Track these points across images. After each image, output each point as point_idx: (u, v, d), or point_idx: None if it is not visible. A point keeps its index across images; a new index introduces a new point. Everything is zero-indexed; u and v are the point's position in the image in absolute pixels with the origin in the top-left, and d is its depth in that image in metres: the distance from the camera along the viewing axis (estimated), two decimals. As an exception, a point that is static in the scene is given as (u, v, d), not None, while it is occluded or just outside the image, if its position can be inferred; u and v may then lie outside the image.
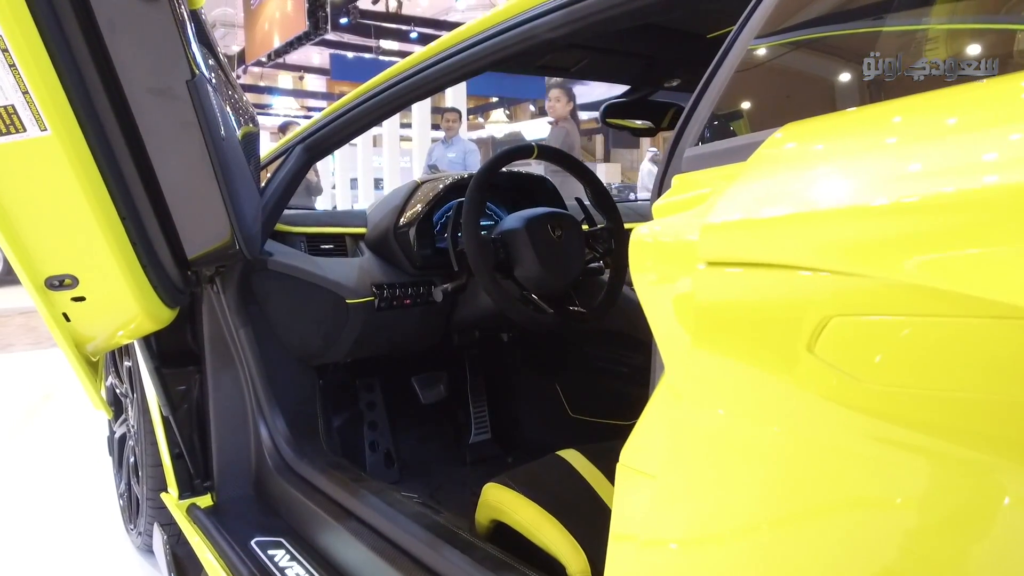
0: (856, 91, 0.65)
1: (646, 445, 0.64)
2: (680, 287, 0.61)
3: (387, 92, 1.43)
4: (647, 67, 1.68)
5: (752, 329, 0.55)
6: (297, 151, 1.67)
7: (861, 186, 0.50)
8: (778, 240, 0.52)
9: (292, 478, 1.64)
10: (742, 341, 0.55)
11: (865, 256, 0.47)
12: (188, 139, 1.23)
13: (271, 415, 1.72)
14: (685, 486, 0.60)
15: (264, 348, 1.72)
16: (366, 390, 2.22)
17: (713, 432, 0.58)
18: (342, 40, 14.33)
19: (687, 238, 0.59)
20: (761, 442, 0.55)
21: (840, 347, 0.47)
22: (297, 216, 1.90)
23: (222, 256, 1.42)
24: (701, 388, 0.59)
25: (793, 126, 0.59)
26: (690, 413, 0.60)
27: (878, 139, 0.52)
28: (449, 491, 2.11)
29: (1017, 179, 0.41)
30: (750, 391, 0.55)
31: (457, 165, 6.46)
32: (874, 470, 0.47)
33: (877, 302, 0.46)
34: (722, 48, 0.75)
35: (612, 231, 1.76)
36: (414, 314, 1.85)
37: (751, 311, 0.55)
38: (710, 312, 0.58)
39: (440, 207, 1.88)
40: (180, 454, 1.77)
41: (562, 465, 1.42)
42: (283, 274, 1.70)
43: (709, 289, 0.58)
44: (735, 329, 0.56)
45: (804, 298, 0.50)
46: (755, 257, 0.53)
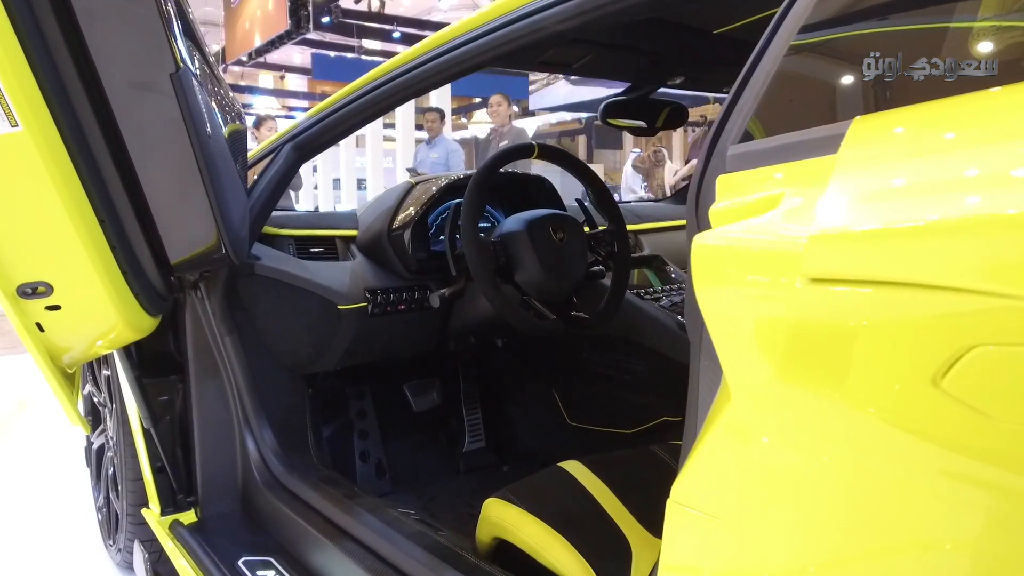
0: (924, 82, 0.58)
1: (706, 484, 0.58)
2: (767, 307, 0.53)
3: (384, 87, 1.36)
4: (651, 64, 1.63)
5: (862, 360, 0.47)
6: (286, 150, 1.59)
7: (1011, 189, 0.43)
8: (912, 254, 0.44)
9: (281, 493, 1.57)
10: (847, 373, 0.48)
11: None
12: (172, 136, 1.16)
13: (258, 427, 1.65)
14: (765, 534, 0.53)
15: (251, 356, 1.65)
16: (356, 398, 2.15)
17: (799, 476, 0.51)
18: (324, 39, 14.20)
19: (776, 248, 0.52)
20: (857, 488, 0.48)
21: (977, 381, 0.40)
22: (285, 218, 1.82)
23: (208, 261, 1.35)
24: (786, 425, 0.52)
25: (869, 119, 0.52)
26: (769, 453, 0.53)
27: (997, 133, 0.45)
28: (443, 502, 2.04)
29: None
30: (850, 429, 0.48)
31: (440, 166, 6.37)
32: (1004, 524, 0.41)
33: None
34: (764, 37, 0.68)
35: (615, 233, 1.70)
36: (409, 320, 1.78)
37: (864, 338, 0.47)
38: (808, 338, 0.50)
39: (435, 208, 1.81)
40: (162, 468, 1.69)
41: (565, 478, 1.36)
42: (271, 279, 1.63)
43: (810, 311, 0.50)
44: (839, 359, 0.48)
45: (939, 324, 0.43)
46: (878, 274, 0.45)
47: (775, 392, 0.52)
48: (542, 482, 1.36)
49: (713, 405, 0.60)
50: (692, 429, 0.66)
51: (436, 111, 6.83)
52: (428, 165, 6.50)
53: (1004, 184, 0.43)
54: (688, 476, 0.60)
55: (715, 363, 0.60)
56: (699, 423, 0.64)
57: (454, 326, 1.84)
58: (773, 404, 0.53)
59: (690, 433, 0.66)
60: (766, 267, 0.53)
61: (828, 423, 0.49)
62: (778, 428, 0.53)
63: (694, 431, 0.65)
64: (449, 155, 6.52)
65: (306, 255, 1.76)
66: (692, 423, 0.66)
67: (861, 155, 0.50)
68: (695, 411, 0.65)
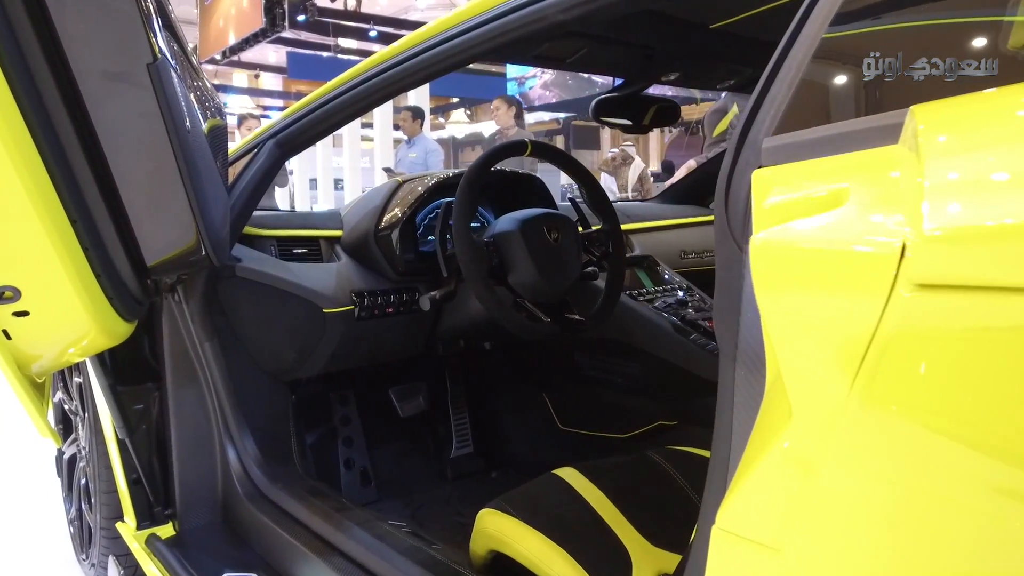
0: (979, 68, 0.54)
1: (761, 511, 0.52)
2: (858, 316, 0.46)
3: (374, 81, 1.30)
4: (646, 59, 1.58)
5: (981, 380, 0.41)
6: (268, 146, 1.53)
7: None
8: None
9: (265, 505, 1.51)
10: (961, 395, 0.42)
11: None
12: (149, 131, 1.09)
13: (240, 436, 1.58)
14: (838, 570, 0.48)
15: (231, 363, 1.58)
16: (340, 403, 2.09)
17: (885, 510, 0.45)
18: (299, 38, 14.07)
19: (870, 249, 0.46)
20: (962, 529, 0.43)
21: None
22: (266, 218, 1.75)
23: (186, 263, 1.28)
24: (871, 452, 0.46)
25: (930, 108, 0.48)
26: (849, 483, 0.47)
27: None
28: (431, 511, 1.98)
29: None
30: (959, 463, 0.42)
31: (418, 166, 6.30)
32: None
33: None
34: (795, 22, 0.64)
35: (609, 233, 1.66)
36: (397, 324, 1.72)
37: (987, 355, 0.41)
38: (912, 353, 0.44)
39: (423, 208, 1.75)
40: (138, 479, 1.62)
41: (561, 486, 1.31)
42: (253, 282, 1.56)
43: (918, 321, 0.43)
44: (951, 378, 0.42)
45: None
46: (1011, 279, 0.39)
47: (860, 414, 0.46)
48: (537, 491, 1.32)
49: (759, 421, 0.55)
50: (723, 444, 0.61)
51: (409, 111, 6.75)
52: (406, 165, 6.43)
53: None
54: (738, 502, 0.54)
55: (754, 374, 0.55)
56: (735, 439, 0.59)
57: (444, 329, 1.79)
58: (855, 427, 0.46)
59: (722, 449, 0.61)
60: (859, 270, 0.47)
61: (928, 452, 0.43)
62: (861, 454, 0.47)
63: (726, 447, 0.60)
64: (427, 154, 6.45)
65: (289, 256, 1.70)
66: (723, 437, 0.61)
67: (949, 146, 0.45)
68: (727, 424, 0.60)
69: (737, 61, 1.68)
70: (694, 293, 1.92)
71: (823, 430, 0.48)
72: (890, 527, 0.45)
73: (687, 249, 2.23)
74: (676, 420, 1.74)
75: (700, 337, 1.71)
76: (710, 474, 0.64)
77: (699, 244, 2.28)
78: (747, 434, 0.55)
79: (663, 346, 1.73)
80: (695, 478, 1.30)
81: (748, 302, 0.57)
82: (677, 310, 1.80)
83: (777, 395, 0.52)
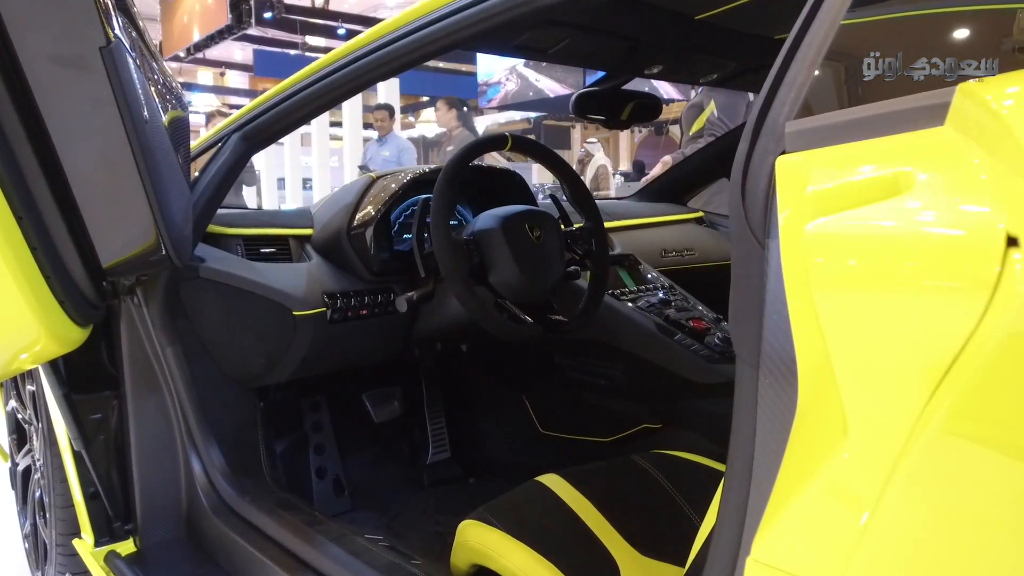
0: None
1: (811, 544, 0.46)
2: (940, 321, 0.40)
3: (347, 69, 1.23)
4: (629, 50, 1.53)
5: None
6: (233, 140, 1.44)
7: None
8: None
9: (232, 520, 1.43)
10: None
11: None
12: (102, 120, 1.01)
13: (205, 446, 1.50)
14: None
15: (195, 369, 1.50)
16: (311, 409, 2.01)
17: (961, 545, 0.40)
18: (266, 36, 13.87)
19: (954, 242, 0.40)
20: None
21: None
22: (231, 216, 1.67)
23: (145, 263, 1.20)
24: (950, 482, 0.39)
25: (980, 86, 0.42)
26: (919, 517, 0.41)
27: None
28: (408, 520, 1.92)
29: None
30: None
31: (392, 164, 6.22)
32: None
33: None
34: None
35: (592, 230, 1.60)
36: (372, 326, 1.65)
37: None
38: (1018, 366, 0.37)
39: (398, 205, 1.68)
40: (96, 494, 1.54)
41: (545, 494, 1.26)
42: (218, 283, 1.48)
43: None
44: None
45: None
46: None
47: (945, 434, 0.40)
48: (521, 500, 1.26)
49: (795, 437, 0.49)
50: (743, 460, 0.55)
51: (383, 109, 6.66)
52: (379, 163, 6.33)
53: None
54: (781, 531, 0.48)
55: (782, 383, 0.49)
56: (760, 455, 0.53)
57: (421, 331, 1.72)
58: (938, 449, 0.40)
59: (741, 465, 0.55)
60: (950, 265, 0.40)
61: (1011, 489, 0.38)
62: (944, 482, 0.40)
63: (746, 463, 0.54)
64: (401, 152, 6.38)
65: (256, 256, 1.62)
66: (743, 453, 0.55)
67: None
68: (748, 439, 0.54)
69: (720, 54, 1.64)
70: (676, 292, 1.88)
71: (894, 451, 0.41)
72: (972, 564, 0.40)
73: (668, 247, 2.19)
74: (661, 423, 1.70)
75: (685, 337, 1.66)
76: (726, 493, 0.58)
77: (679, 242, 2.25)
78: (778, 451, 0.49)
79: (647, 347, 1.68)
80: (682, 483, 1.26)
81: (772, 303, 0.51)
82: (660, 310, 1.75)
83: (817, 408, 0.46)
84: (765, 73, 1.87)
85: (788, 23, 1.69)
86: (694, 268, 2.21)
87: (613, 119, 1.78)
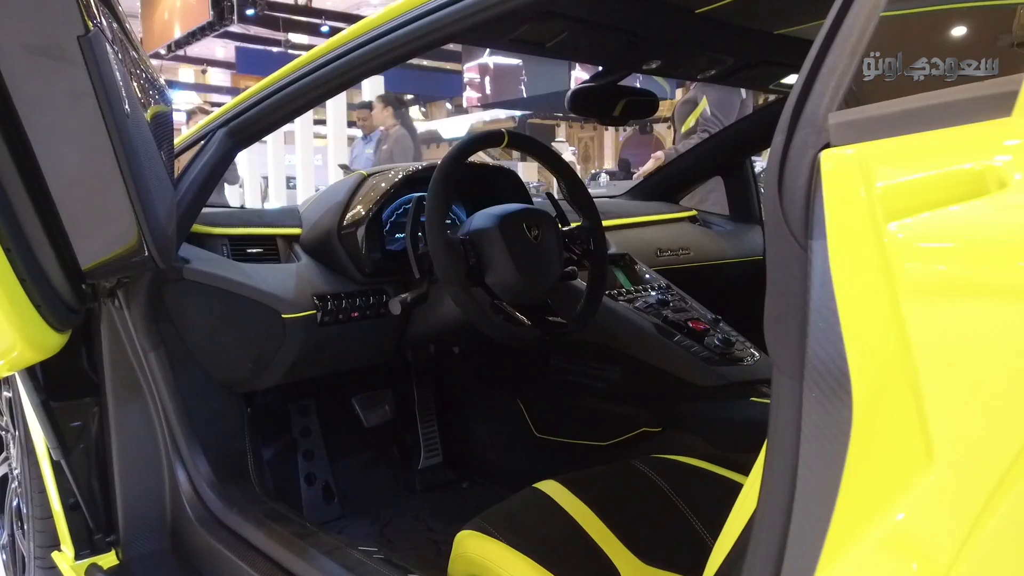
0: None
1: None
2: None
3: (338, 62, 1.18)
4: (628, 44, 1.49)
5: None
6: (219, 136, 1.39)
7: None
8: None
9: (219, 531, 1.38)
10: None
11: None
12: (81, 114, 0.96)
13: (190, 455, 1.45)
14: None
15: (179, 375, 1.45)
16: (300, 414, 1.96)
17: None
18: (248, 33, 13.73)
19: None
20: None
21: None
22: (217, 215, 1.61)
23: (127, 265, 1.14)
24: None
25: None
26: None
27: None
28: (400, 527, 1.87)
29: None
30: None
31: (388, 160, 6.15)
32: None
33: None
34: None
35: (590, 229, 1.56)
36: (364, 329, 1.60)
37: None
38: None
39: (390, 204, 1.63)
40: (76, 504, 1.49)
41: (544, 501, 1.22)
42: (203, 285, 1.43)
43: None
44: None
45: None
46: None
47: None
48: (519, 508, 1.22)
49: (852, 462, 0.44)
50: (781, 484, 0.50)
51: (366, 107, 6.58)
52: (363, 161, 6.25)
53: None
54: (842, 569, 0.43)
55: (831, 399, 0.45)
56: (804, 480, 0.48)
57: (414, 334, 1.67)
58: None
59: (778, 489, 0.50)
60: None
61: None
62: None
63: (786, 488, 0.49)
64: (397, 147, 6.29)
65: (243, 257, 1.56)
66: (780, 475, 0.50)
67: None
68: (788, 460, 0.49)
69: (720, 49, 1.61)
70: (674, 292, 1.84)
71: (995, 478, 0.36)
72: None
73: (663, 247, 2.16)
74: (660, 426, 1.66)
75: (684, 339, 1.62)
76: (759, 521, 0.53)
77: (674, 241, 2.21)
78: (829, 476, 0.45)
79: (646, 348, 1.64)
80: (684, 489, 1.23)
81: (819, 310, 0.47)
82: (658, 310, 1.71)
83: (881, 428, 0.42)
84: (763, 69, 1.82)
85: (789, 18, 1.64)
86: (689, 268, 2.18)
87: (608, 115, 1.74)
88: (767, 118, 2.27)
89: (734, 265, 2.29)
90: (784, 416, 0.51)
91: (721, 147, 2.45)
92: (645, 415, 1.70)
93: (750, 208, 2.46)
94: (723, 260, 2.27)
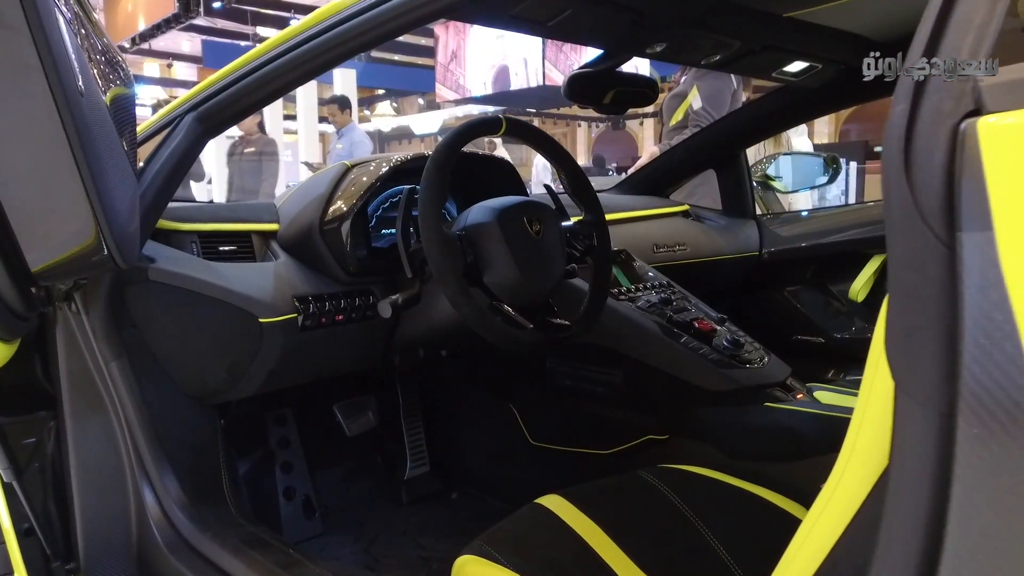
0: None
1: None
2: None
3: (319, 39, 1.06)
4: (633, 24, 1.39)
5: None
6: (187, 121, 1.26)
7: None
8: None
9: (191, 558, 1.27)
10: None
11: None
12: (26, 90, 0.84)
13: (158, 473, 1.33)
14: None
15: (145, 386, 1.33)
16: (277, 424, 1.83)
17: None
18: (215, 26, 13.48)
19: None
20: None
21: None
22: (185, 210, 1.48)
23: (84, 265, 1.02)
24: None
25: None
26: None
27: None
28: (387, 544, 1.76)
29: None
30: None
31: (344, 158, 6.07)
32: None
33: None
34: None
35: (593, 224, 1.46)
36: (349, 333, 1.48)
37: None
38: None
39: (376, 197, 1.51)
40: (30, 530, 1.36)
41: (548, 519, 1.14)
42: (170, 286, 1.31)
43: None
44: None
45: None
46: None
47: None
48: (522, 527, 1.13)
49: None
50: (915, 535, 0.40)
51: (340, 100, 6.47)
52: (333, 158, 6.17)
53: None
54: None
55: (997, 435, 0.35)
56: (955, 536, 0.38)
57: (403, 337, 1.56)
58: None
59: (913, 543, 0.40)
60: None
61: None
62: None
63: (927, 541, 0.39)
64: (353, 146, 6.19)
65: (214, 255, 1.44)
66: (915, 527, 0.40)
67: None
68: (931, 511, 0.39)
69: (728, 32, 1.52)
70: (675, 290, 1.75)
71: None
72: None
73: (658, 242, 2.07)
74: (667, 434, 1.56)
75: (691, 340, 1.53)
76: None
77: (669, 237, 2.12)
78: (1001, 535, 0.35)
79: (650, 351, 1.54)
80: (696, 501, 1.16)
81: (978, 322, 0.36)
82: (661, 310, 1.62)
83: None
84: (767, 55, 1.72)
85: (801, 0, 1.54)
86: (687, 264, 2.09)
87: (593, 104, 1.65)
88: (763, 109, 2.19)
89: (730, 261, 2.21)
90: (915, 451, 0.40)
91: (714, 139, 2.37)
92: (649, 421, 1.60)
93: (744, 202, 2.38)
94: (720, 256, 2.19)
